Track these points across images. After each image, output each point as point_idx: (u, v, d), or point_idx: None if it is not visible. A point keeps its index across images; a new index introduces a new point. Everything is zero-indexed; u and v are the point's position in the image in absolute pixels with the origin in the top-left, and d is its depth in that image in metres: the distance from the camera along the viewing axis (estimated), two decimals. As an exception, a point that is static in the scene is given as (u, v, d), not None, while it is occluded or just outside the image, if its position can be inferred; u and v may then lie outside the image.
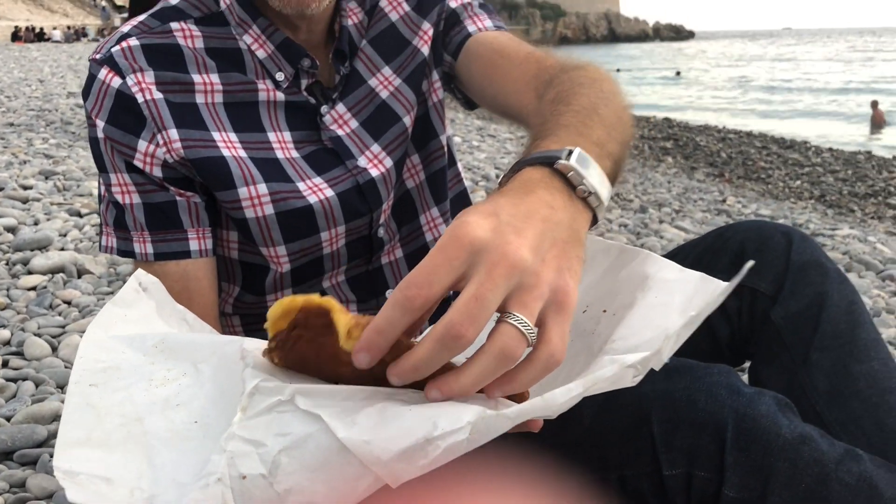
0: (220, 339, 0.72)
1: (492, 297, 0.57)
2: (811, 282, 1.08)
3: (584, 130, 0.78)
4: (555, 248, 0.62)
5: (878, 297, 2.83)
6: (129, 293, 0.79)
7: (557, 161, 0.69)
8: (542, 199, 0.66)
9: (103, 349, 0.71)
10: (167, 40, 1.06)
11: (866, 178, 9.92)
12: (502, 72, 1.12)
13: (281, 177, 1.06)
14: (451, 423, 0.55)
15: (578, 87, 0.91)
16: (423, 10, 1.21)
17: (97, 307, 2.31)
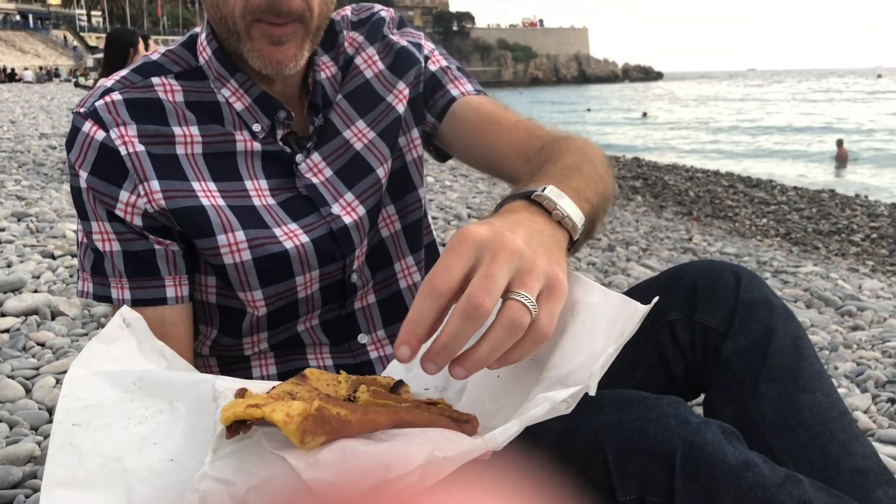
0: (194, 378, 0.77)
1: (500, 275, 0.70)
2: (759, 318, 1.14)
3: (565, 180, 0.92)
4: (542, 245, 0.77)
5: (836, 332, 2.92)
6: (114, 330, 0.84)
7: (534, 193, 0.85)
8: (526, 217, 0.81)
9: (85, 387, 0.76)
10: (148, 94, 1.12)
11: (830, 216, 10.15)
12: (493, 137, 1.22)
13: (258, 223, 1.11)
14: (402, 467, 0.62)
15: (565, 151, 1.06)
16: (399, 70, 1.27)
17: (71, 349, 2.33)
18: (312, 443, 0.63)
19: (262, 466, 0.64)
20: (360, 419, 0.66)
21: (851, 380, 2.35)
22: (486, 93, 1.33)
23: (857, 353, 2.64)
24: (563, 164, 1.00)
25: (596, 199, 0.96)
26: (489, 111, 1.26)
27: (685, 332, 1.18)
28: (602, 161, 1.08)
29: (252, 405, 0.63)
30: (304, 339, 1.23)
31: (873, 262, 7.42)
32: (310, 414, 0.62)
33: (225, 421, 0.64)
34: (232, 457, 0.65)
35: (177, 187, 1.08)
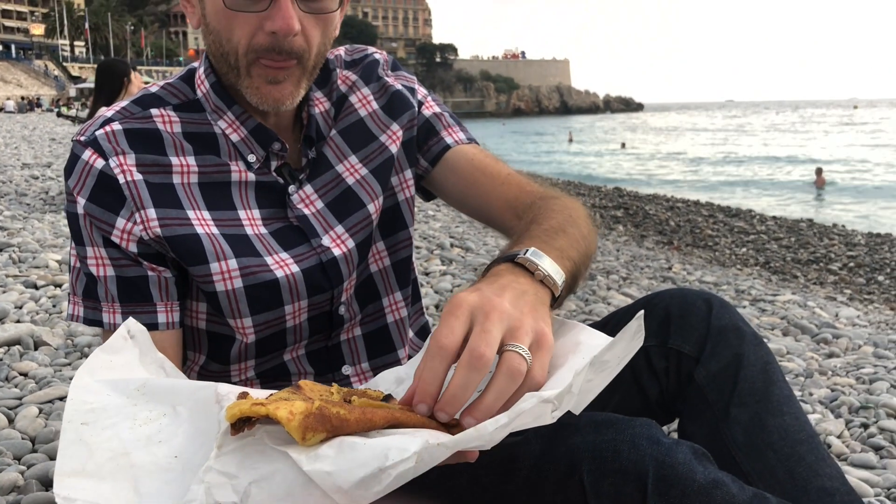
0: (195, 385, 0.82)
1: (495, 332, 0.80)
2: (730, 344, 1.18)
3: (548, 241, 1.02)
4: (527, 305, 0.86)
5: (811, 359, 2.97)
6: (118, 340, 0.88)
7: (517, 256, 0.95)
8: (510, 280, 0.90)
9: (90, 392, 0.80)
10: (147, 125, 1.16)
11: (808, 245, 10.28)
12: (485, 189, 1.30)
13: (250, 251, 1.15)
14: (399, 453, 0.67)
15: (551, 212, 1.14)
16: (394, 112, 1.32)
17: (55, 379, 2.33)
18: (313, 439, 0.68)
19: (264, 461, 0.69)
20: (358, 418, 0.71)
21: (825, 405, 2.39)
22: (477, 141, 1.38)
23: (831, 380, 2.69)
24: (548, 224, 1.08)
25: (578, 258, 1.04)
26: (482, 162, 1.32)
27: (659, 358, 1.22)
28: (586, 220, 1.16)
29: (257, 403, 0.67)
30: (289, 367, 1.26)
31: (851, 290, 7.53)
32: (311, 412, 0.68)
33: (231, 418, 0.69)
34: (236, 453, 0.70)
35: (172, 215, 1.12)
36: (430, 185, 1.38)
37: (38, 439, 1.91)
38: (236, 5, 1.07)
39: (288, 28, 1.06)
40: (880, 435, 2.13)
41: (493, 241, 5.95)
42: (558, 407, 0.75)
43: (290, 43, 1.09)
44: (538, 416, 0.74)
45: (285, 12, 1.06)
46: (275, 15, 1.06)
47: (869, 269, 8.74)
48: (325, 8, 1.12)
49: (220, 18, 1.09)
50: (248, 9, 1.07)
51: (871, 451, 2.04)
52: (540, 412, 0.73)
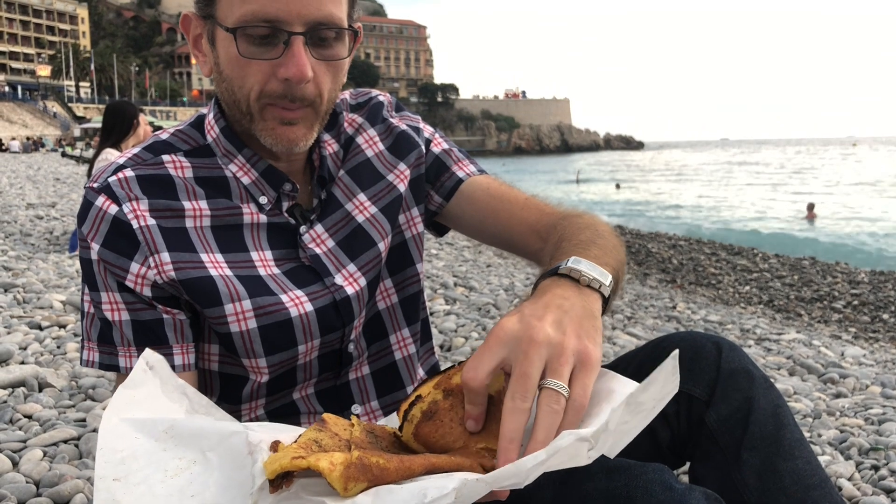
0: (225, 429, 0.81)
1: (533, 372, 0.82)
2: (740, 387, 1.18)
3: (583, 252, 1.04)
4: (572, 322, 0.87)
5: (818, 400, 2.95)
6: (138, 374, 0.89)
7: (559, 268, 0.97)
8: (556, 294, 0.92)
9: (119, 437, 0.80)
10: (159, 171, 1.18)
11: (812, 283, 10.27)
12: (505, 216, 1.32)
13: (264, 291, 1.16)
14: (438, 491, 0.68)
15: (577, 229, 1.16)
16: (400, 152, 1.35)
17: (59, 421, 2.32)
18: (355, 489, 0.68)
19: None
20: (397, 466, 0.71)
21: (835, 447, 2.37)
22: (488, 172, 1.40)
23: (840, 421, 2.67)
24: (577, 240, 1.10)
25: (615, 264, 1.07)
26: (497, 190, 1.35)
27: (670, 402, 1.20)
28: (611, 233, 1.18)
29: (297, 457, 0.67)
30: (299, 407, 1.26)
31: (855, 328, 7.50)
32: (352, 462, 0.68)
33: (271, 475, 0.69)
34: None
35: (186, 259, 1.13)
36: (447, 219, 1.39)
37: (43, 483, 1.90)
38: (250, 53, 1.09)
39: (301, 75, 1.08)
40: (891, 477, 2.11)
41: (497, 280, 5.96)
42: (594, 446, 0.75)
43: (303, 90, 1.10)
44: (574, 455, 0.74)
45: (298, 60, 1.08)
46: (288, 62, 1.08)
47: (873, 307, 8.72)
48: (335, 55, 1.14)
49: (234, 66, 1.11)
50: (262, 56, 1.09)
51: (883, 494, 2.02)
52: (576, 451, 0.73)
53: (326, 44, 1.11)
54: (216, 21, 1.11)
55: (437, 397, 0.86)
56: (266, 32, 1.07)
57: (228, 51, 1.10)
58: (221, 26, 1.10)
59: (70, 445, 2.14)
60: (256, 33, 1.07)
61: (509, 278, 6.22)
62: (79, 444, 2.16)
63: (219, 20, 1.10)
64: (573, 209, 1.29)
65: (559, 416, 0.81)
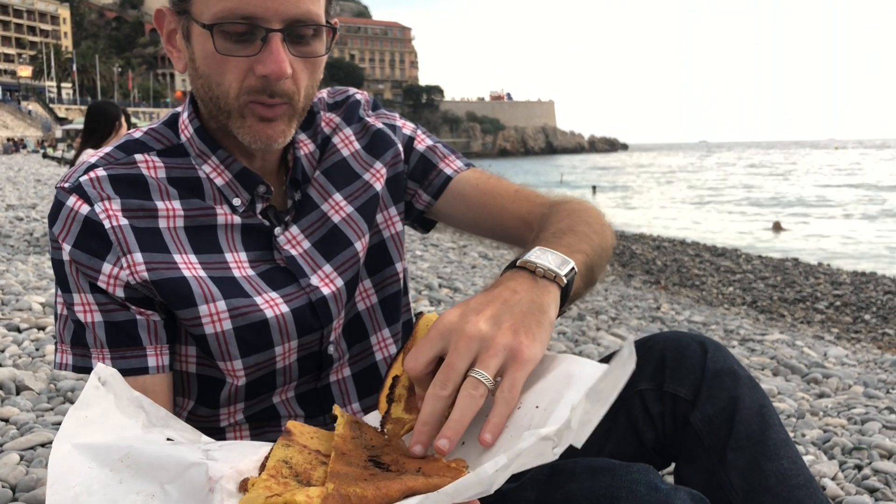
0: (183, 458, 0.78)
1: (458, 363, 0.86)
2: (725, 387, 1.17)
3: (554, 241, 1.05)
4: (512, 318, 0.89)
5: (802, 400, 2.96)
6: (89, 392, 0.85)
7: (517, 260, 1.00)
8: (507, 287, 0.94)
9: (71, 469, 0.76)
10: (132, 171, 1.15)
11: (795, 284, 10.33)
12: (496, 210, 1.33)
13: (239, 293, 1.14)
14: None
15: (559, 215, 1.18)
16: (376, 151, 1.33)
17: (37, 424, 2.29)
18: None
19: None
20: (375, 494, 0.71)
21: (818, 447, 2.38)
22: (474, 164, 1.39)
23: (823, 421, 2.68)
24: (556, 227, 1.12)
25: (590, 250, 1.08)
26: (487, 184, 1.35)
27: (655, 402, 1.20)
28: (597, 217, 1.20)
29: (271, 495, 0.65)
30: (279, 410, 1.24)
31: (838, 329, 7.55)
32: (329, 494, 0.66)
33: None
34: None
35: (159, 259, 1.11)
36: (437, 216, 1.39)
37: (19, 487, 1.87)
38: (227, 50, 1.07)
39: (280, 71, 1.06)
40: (874, 477, 2.12)
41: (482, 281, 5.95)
42: (559, 443, 0.73)
43: (282, 86, 1.09)
44: (539, 454, 0.72)
45: (277, 56, 1.06)
46: (266, 59, 1.06)
47: (855, 308, 8.78)
48: (313, 52, 1.12)
49: (211, 63, 1.09)
50: (240, 53, 1.07)
51: (866, 494, 2.02)
52: (540, 450, 0.72)
53: (304, 41, 1.10)
54: (191, 17, 1.09)
55: None
56: (243, 29, 1.05)
57: (205, 47, 1.08)
58: (197, 22, 1.07)
59: (47, 449, 2.11)
60: (233, 30, 1.05)
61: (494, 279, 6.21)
62: (57, 447, 2.12)
63: (194, 16, 1.08)
64: (563, 196, 1.30)
65: (477, 402, 0.84)
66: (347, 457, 0.79)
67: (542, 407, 0.84)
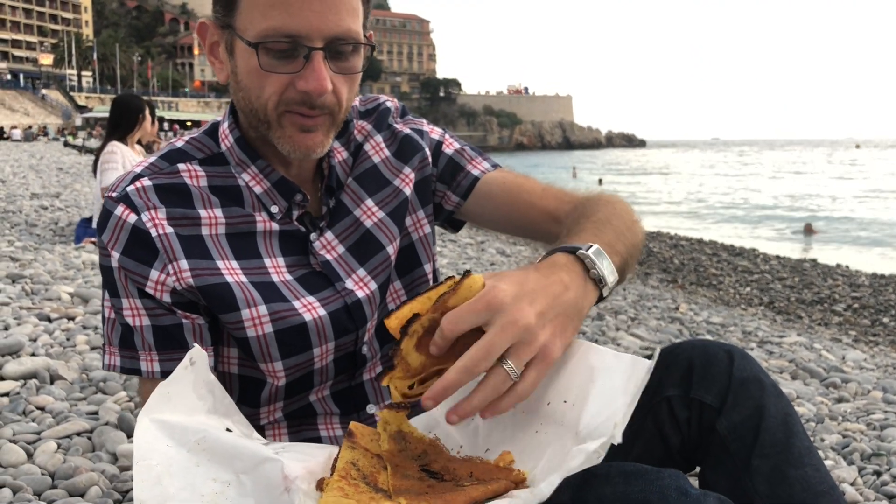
0: (258, 453, 0.83)
1: (498, 348, 0.87)
2: (751, 395, 1.20)
3: (598, 233, 1.09)
4: (557, 318, 0.93)
5: (821, 404, 2.98)
6: (179, 371, 0.92)
7: (579, 250, 1.01)
8: (561, 280, 0.96)
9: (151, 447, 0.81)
10: (175, 180, 1.20)
11: (812, 286, 10.29)
12: (525, 208, 1.37)
13: (279, 297, 1.19)
14: None
15: (595, 206, 1.22)
16: (404, 156, 1.38)
17: (71, 413, 2.35)
18: None
19: None
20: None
21: (838, 452, 2.40)
22: (501, 165, 1.44)
23: (842, 426, 2.70)
24: (595, 217, 1.16)
25: (625, 251, 1.12)
26: (514, 183, 1.39)
27: (682, 408, 1.24)
28: (628, 212, 1.23)
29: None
30: (315, 408, 1.29)
31: (856, 332, 7.53)
32: None
33: None
34: None
35: (203, 266, 1.16)
36: (466, 216, 1.43)
37: (58, 475, 1.93)
38: (271, 66, 1.11)
39: (322, 88, 1.11)
40: (893, 483, 2.14)
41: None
42: (603, 454, 0.80)
43: (323, 100, 1.14)
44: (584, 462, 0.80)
45: (318, 73, 1.10)
46: (308, 76, 1.10)
47: (874, 311, 8.75)
48: (352, 68, 1.17)
49: (253, 77, 1.13)
50: (282, 70, 1.11)
51: (886, 500, 2.05)
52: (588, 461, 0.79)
53: (344, 57, 1.14)
54: (235, 31, 1.13)
55: (434, 317, 0.91)
56: (286, 47, 1.10)
57: (248, 62, 1.13)
58: (242, 38, 1.12)
59: (83, 438, 2.17)
60: (277, 48, 1.10)
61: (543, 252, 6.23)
62: (92, 436, 2.18)
63: (238, 31, 1.12)
64: (591, 191, 1.34)
65: (499, 393, 0.88)
66: (402, 469, 0.83)
67: (570, 402, 0.90)
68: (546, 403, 0.96)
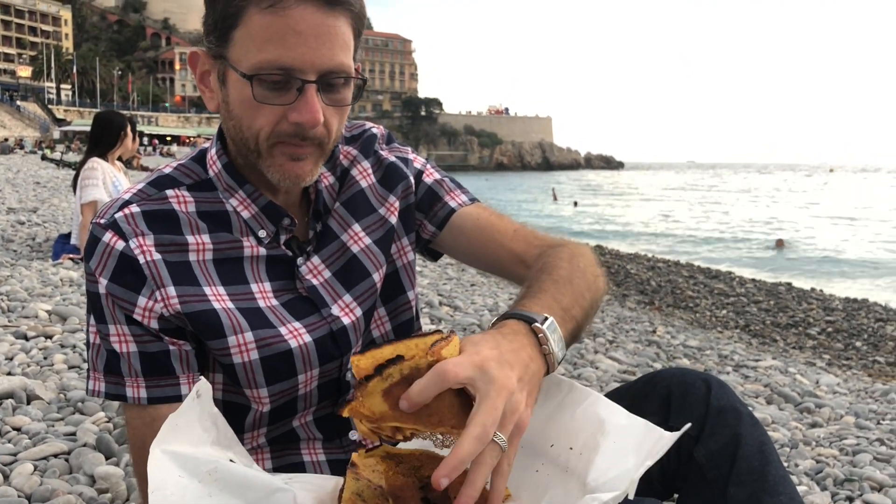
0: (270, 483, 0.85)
1: (497, 412, 0.88)
2: (728, 424, 1.23)
3: (558, 296, 1.10)
4: (529, 384, 0.95)
5: (795, 430, 3.02)
6: (187, 403, 0.93)
7: (534, 323, 1.03)
8: (525, 349, 0.99)
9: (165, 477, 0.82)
10: (163, 206, 1.22)
11: (787, 309, 10.40)
12: (494, 246, 1.38)
13: (265, 323, 1.20)
14: None
15: (559, 261, 1.23)
16: (389, 184, 1.40)
17: (48, 435, 2.32)
18: None
19: None
20: None
21: (811, 477, 2.43)
22: (479, 199, 1.46)
23: (815, 451, 2.74)
24: (558, 274, 1.18)
25: (581, 315, 1.13)
26: (488, 221, 1.41)
27: (660, 436, 1.26)
28: (592, 266, 1.25)
29: None
30: (299, 434, 1.30)
31: (829, 355, 7.62)
32: None
33: None
34: None
35: (190, 292, 1.17)
36: (440, 246, 1.45)
37: (35, 497, 1.91)
38: (264, 98, 1.13)
39: (314, 121, 1.13)
40: (865, 509, 2.18)
41: (481, 300, 6.00)
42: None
43: (314, 132, 1.16)
44: None
45: (312, 105, 1.12)
46: (301, 108, 1.13)
47: (847, 335, 8.86)
48: (343, 100, 1.19)
49: (246, 108, 1.15)
50: (275, 101, 1.13)
51: (857, 526, 2.08)
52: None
53: (335, 89, 1.16)
54: (228, 62, 1.15)
55: (420, 365, 0.87)
56: (279, 78, 1.11)
57: (242, 93, 1.14)
58: (235, 70, 1.13)
59: (60, 460, 2.15)
60: (271, 79, 1.12)
61: (493, 297, 6.27)
62: (69, 458, 2.16)
63: (232, 62, 1.14)
64: (560, 239, 1.36)
65: (491, 467, 0.88)
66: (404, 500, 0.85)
67: (576, 450, 0.92)
68: (549, 445, 0.99)
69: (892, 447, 2.84)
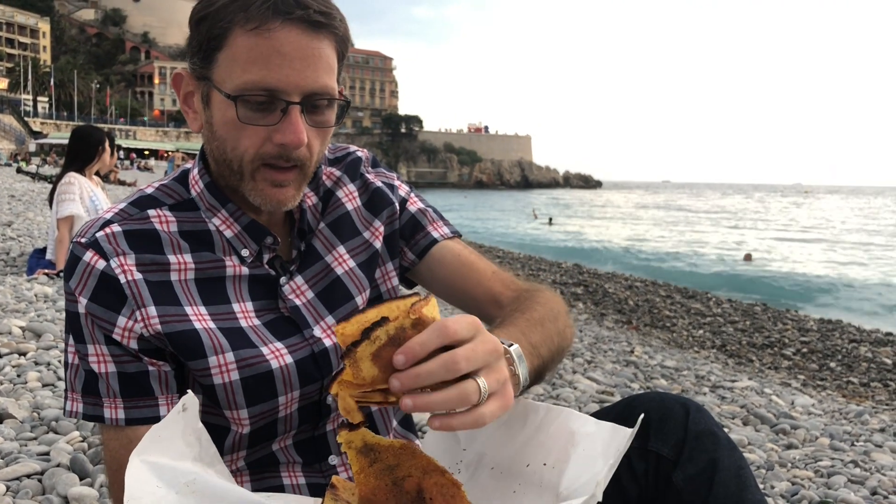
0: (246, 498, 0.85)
1: (481, 357, 0.88)
2: (706, 448, 1.24)
3: (528, 333, 1.11)
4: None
5: (771, 451, 3.04)
6: (172, 416, 0.93)
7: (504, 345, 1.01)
8: None
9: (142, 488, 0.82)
10: (145, 226, 1.21)
11: (763, 329, 10.50)
12: (472, 284, 1.39)
13: (246, 343, 1.20)
14: None
15: (534, 304, 1.25)
16: (374, 209, 1.41)
17: (21, 454, 2.29)
18: None
19: None
20: None
21: (787, 499, 2.45)
22: (461, 233, 1.47)
23: (791, 472, 2.76)
24: (530, 315, 1.19)
25: (547, 356, 1.15)
26: (468, 259, 1.41)
27: (639, 460, 1.27)
28: (563, 315, 1.27)
29: None
30: (278, 457, 1.29)
31: (804, 375, 7.69)
32: None
33: None
34: None
35: (171, 312, 1.16)
36: (417, 276, 1.45)
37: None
38: (249, 119, 1.13)
39: (298, 142, 1.14)
40: (840, 531, 2.19)
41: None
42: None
43: (298, 153, 1.16)
44: None
45: (296, 126, 1.13)
46: (285, 129, 1.13)
47: (821, 355, 8.95)
48: (326, 122, 1.20)
49: (230, 129, 1.16)
50: (260, 122, 1.14)
51: (832, 548, 2.09)
52: None
53: (319, 111, 1.17)
54: (212, 83, 1.15)
55: (405, 324, 0.86)
56: (263, 99, 1.12)
57: (226, 114, 1.15)
58: (220, 91, 1.14)
59: (33, 480, 2.12)
60: (255, 100, 1.12)
61: None
62: (42, 479, 2.13)
63: (216, 83, 1.14)
64: (537, 285, 1.37)
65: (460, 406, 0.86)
66: None
67: (549, 464, 0.93)
68: (525, 465, 1.00)
69: (866, 469, 2.87)
